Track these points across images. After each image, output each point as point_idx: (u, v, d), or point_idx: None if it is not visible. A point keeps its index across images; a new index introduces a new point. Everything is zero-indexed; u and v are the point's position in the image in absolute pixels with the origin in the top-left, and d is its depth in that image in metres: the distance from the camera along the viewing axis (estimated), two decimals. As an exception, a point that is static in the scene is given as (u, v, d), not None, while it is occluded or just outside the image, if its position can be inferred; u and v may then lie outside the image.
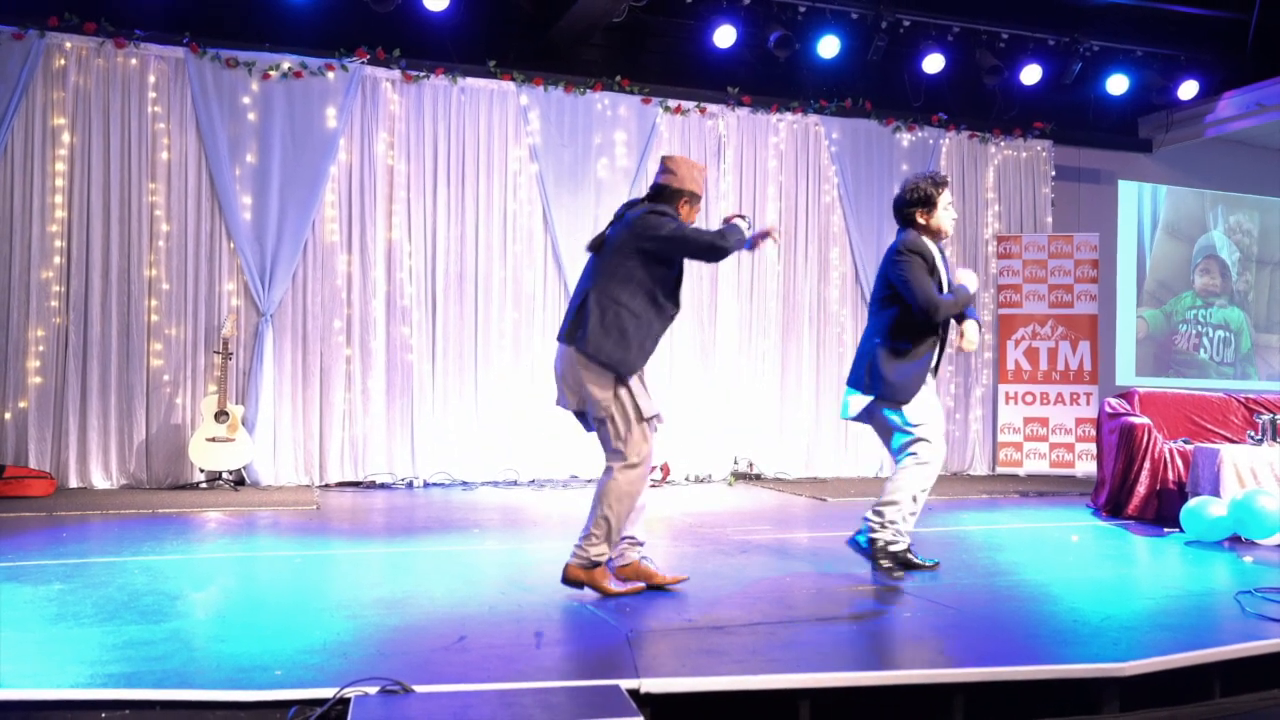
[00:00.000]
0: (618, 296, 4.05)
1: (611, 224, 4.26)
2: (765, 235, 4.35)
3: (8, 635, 3.41)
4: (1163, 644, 3.48)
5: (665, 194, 4.22)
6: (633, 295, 4.06)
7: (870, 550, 4.59)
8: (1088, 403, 9.55)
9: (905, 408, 4.57)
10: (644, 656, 3.23)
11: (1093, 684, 3.21)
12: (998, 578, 4.68)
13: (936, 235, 4.74)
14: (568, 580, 4.09)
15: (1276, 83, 9.56)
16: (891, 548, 4.57)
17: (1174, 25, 9.58)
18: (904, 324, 4.62)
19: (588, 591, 4.11)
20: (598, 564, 4.06)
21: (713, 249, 4.11)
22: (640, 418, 4.06)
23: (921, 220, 4.70)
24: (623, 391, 4.04)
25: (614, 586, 4.12)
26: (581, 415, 4.21)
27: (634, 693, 2.85)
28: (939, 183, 4.73)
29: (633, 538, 4.24)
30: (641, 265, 4.07)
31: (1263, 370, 11.44)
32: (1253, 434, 6.44)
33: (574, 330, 4.08)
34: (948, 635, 3.68)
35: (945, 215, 4.73)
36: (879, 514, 4.59)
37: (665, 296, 4.14)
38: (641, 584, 4.22)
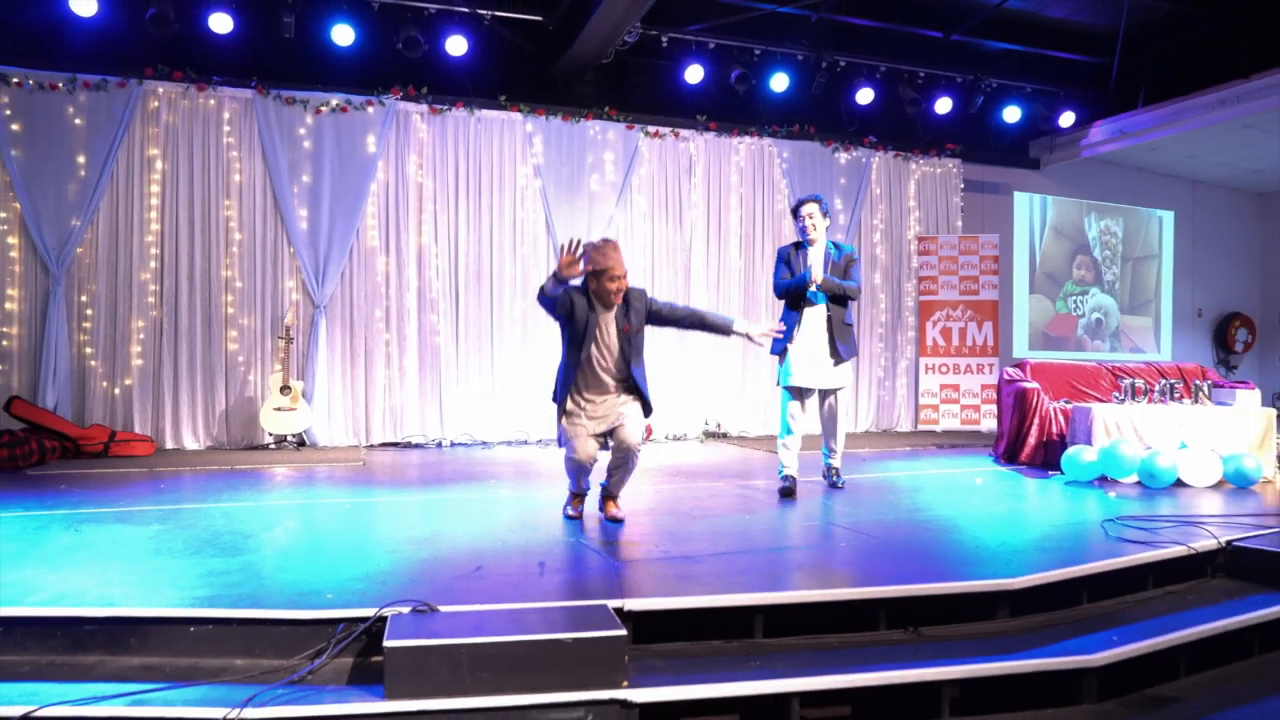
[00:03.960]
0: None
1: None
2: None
3: (117, 565, 3.41)
4: (1044, 563, 3.51)
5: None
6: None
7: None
8: (990, 372, 9.58)
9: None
10: (628, 581, 3.24)
11: (989, 596, 3.24)
12: (916, 513, 4.71)
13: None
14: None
15: (1134, 114, 9.65)
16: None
17: (1055, 67, 9.61)
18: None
19: (588, 529, 4.15)
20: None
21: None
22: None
23: None
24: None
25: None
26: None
27: (619, 611, 2.86)
28: (799, 201, 5.39)
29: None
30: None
31: (1126, 344, 11.51)
32: (1118, 395, 6.49)
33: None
34: (874, 560, 3.71)
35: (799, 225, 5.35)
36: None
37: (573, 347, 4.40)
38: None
